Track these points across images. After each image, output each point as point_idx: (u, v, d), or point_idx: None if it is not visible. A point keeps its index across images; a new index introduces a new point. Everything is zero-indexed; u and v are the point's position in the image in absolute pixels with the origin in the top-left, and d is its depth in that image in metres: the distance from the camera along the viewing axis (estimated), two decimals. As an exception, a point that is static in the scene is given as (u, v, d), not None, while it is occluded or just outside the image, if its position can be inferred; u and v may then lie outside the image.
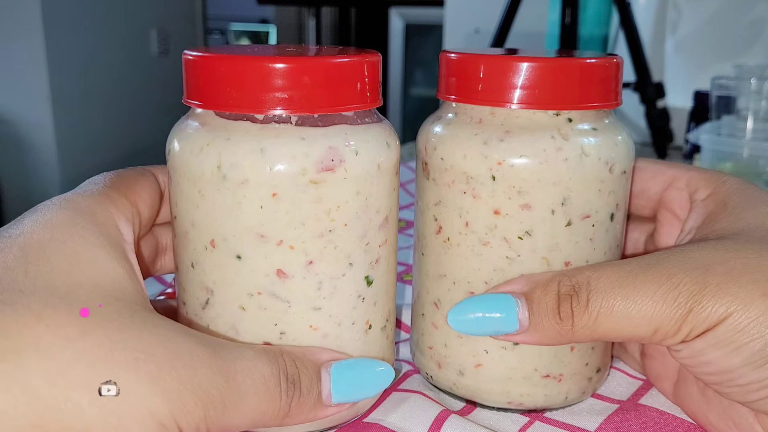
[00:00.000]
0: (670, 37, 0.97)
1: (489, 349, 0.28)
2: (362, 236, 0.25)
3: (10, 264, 0.20)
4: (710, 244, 0.24)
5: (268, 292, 0.24)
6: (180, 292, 0.27)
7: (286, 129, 0.23)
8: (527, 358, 0.27)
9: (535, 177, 0.25)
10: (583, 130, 0.26)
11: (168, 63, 2.35)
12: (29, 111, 1.93)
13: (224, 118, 0.24)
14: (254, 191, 0.23)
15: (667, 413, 0.28)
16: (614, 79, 0.27)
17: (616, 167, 0.26)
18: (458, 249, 0.27)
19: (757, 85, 0.66)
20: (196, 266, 0.25)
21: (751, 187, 0.28)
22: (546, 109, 0.26)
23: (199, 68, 0.24)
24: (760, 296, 0.22)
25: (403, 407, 0.28)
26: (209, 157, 0.23)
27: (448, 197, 0.27)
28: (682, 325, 0.23)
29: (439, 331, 0.29)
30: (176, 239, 0.26)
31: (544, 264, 0.26)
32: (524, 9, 0.96)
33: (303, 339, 0.25)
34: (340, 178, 0.23)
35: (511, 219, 0.26)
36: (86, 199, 0.24)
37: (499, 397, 0.28)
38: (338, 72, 0.24)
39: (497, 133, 0.26)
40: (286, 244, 0.24)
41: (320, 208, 0.24)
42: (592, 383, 0.29)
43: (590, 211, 0.26)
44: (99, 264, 0.21)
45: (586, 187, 0.26)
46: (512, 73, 0.25)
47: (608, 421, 0.27)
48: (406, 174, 0.59)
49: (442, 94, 0.28)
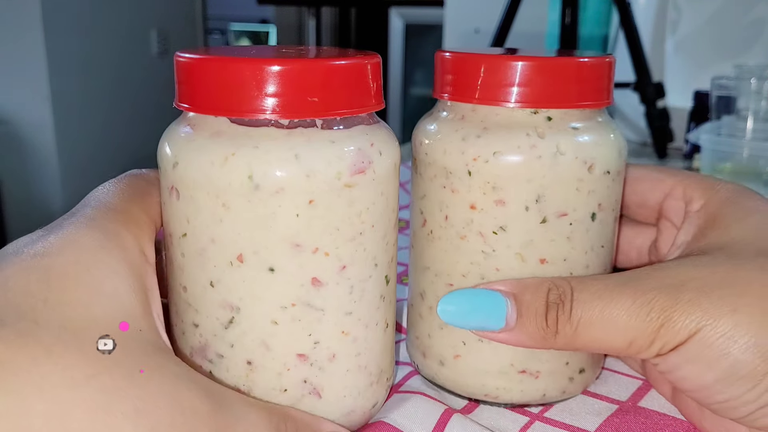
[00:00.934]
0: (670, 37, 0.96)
1: (467, 341, 0.28)
2: (384, 236, 0.25)
3: (32, 289, 0.20)
4: (689, 260, 0.25)
5: (302, 302, 0.23)
6: (182, 317, 0.25)
7: (315, 133, 0.23)
8: (503, 353, 0.28)
9: (508, 173, 0.26)
10: (565, 128, 0.26)
11: (168, 63, 2.35)
12: (29, 111, 1.93)
13: (242, 125, 0.22)
14: (290, 199, 0.22)
15: (666, 415, 0.28)
16: (598, 78, 0.27)
17: (596, 167, 0.26)
18: (439, 242, 0.28)
19: (757, 85, 0.66)
20: (217, 284, 0.23)
21: (744, 195, 0.27)
22: (524, 107, 0.26)
23: (218, 72, 0.22)
24: (729, 312, 0.22)
25: (406, 406, 0.28)
26: (237, 168, 0.22)
27: (431, 191, 0.28)
28: (655, 339, 0.23)
29: (424, 322, 0.30)
30: (185, 259, 0.24)
31: (519, 260, 0.27)
32: (524, 9, 0.96)
33: (336, 346, 0.24)
34: (369, 179, 0.23)
35: (486, 214, 0.27)
36: (113, 219, 0.23)
37: (475, 389, 0.29)
38: (361, 73, 0.23)
39: (476, 129, 0.27)
40: (322, 251, 0.23)
41: (353, 212, 0.23)
42: (575, 383, 0.29)
43: (567, 210, 0.26)
44: (119, 298, 0.21)
45: (562, 186, 0.26)
46: (489, 72, 0.26)
47: (608, 423, 0.27)
48: (406, 174, 0.59)
49: (436, 92, 0.29)
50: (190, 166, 0.23)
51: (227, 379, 0.24)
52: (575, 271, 0.27)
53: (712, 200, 0.28)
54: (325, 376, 0.25)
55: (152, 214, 0.25)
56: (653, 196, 0.31)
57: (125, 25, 2.19)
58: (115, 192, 0.25)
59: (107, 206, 0.23)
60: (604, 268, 0.29)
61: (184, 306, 0.25)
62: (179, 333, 0.25)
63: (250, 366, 0.24)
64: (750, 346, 0.22)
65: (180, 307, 0.25)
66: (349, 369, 0.25)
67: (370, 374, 0.26)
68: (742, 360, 0.22)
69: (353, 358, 0.25)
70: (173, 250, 0.24)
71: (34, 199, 1.97)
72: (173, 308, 0.26)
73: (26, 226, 2.11)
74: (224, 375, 0.24)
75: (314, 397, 0.25)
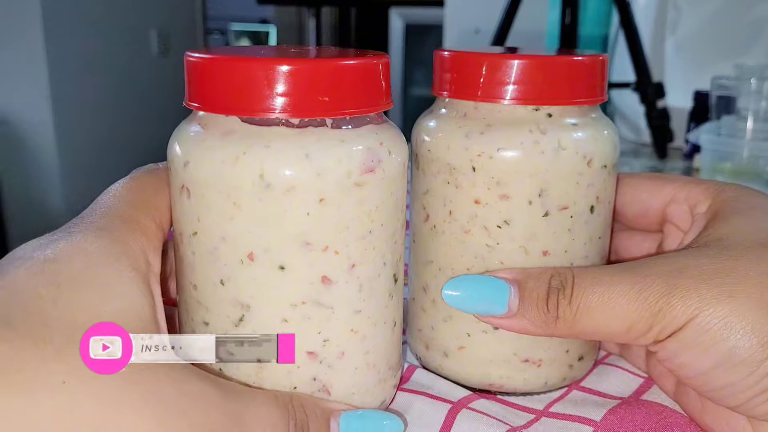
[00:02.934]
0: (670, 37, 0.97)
1: (471, 333, 0.29)
2: (392, 235, 0.25)
3: (42, 292, 0.20)
4: (689, 251, 0.25)
5: (312, 300, 0.24)
6: (192, 315, 0.25)
7: (325, 132, 0.23)
8: (507, 342, 0.29)
9: (512, 169, 0.27)
10: (564, 124, 0.27)
11: (168, 63, 2.35)
12: (29, 111, 1.93)
13: (253, 124, 0.23)
14: (301, 198, 0.22)
15: (668, 407, 0.28)
16: (595, 76, 0.28)
17: (595, 161, 0.27)
18: (443, 236, 0.29)
19: (757, 85, 0.66)
20: (227, 282, 0.23)
21: (749, 194, 0.28)
22: (525, 104, 0.27)
23: (230, 72, 0.22)
24: (727, 297, 0.22)
25: (410, 412, 0.28)
26: (249, 166, 0.22)
27: (434, 187, 0.29)
28: (653, 324, 0.23)
29: (427, 314, 0.30)
30: (195, 257, 0.24)
31: (522, 252, 0.27)
32: (524, 9, 0.96)
33: (345, 344, 0.25)
34: (378, 178, 0.24)
35: (491, 208, 0.27)
36: (120, 227, 0.23)
37: (480, 378, 0.29)
38: (371, 72, 0.24)
39: (479, 126, 0.27)
40: (332, 250, 0.23)
41: (362, 210, 0.23)
42: (574, 370, 0.30)
43: (568, 203, 0.27)
44: (128, 299, 0.21)
45: (564, 180, 0.27)
46: (493, 70, 0.27)
47: (612, 413, 0.28)
48: (407, 173, 0.60)
49: (434, 89, 0.30)
50: (201, 165, 0.23)
51: (237, 376, 0.24)
52: (575, 262, 0.28)
53: (717, 199, 0.28)
54: (334, 373, 0.25)
55: (160, 221, 0.25)
56: (654, 204, 0.31)
57: (125, 25, 2.19)
58: (124, 197, 0.25)
59: (115, 213, 0.24)
60: (601, 258, 0.30)
61: (195, 304, 0.25)
62: (189, 332, 0.26)
63: (259, 364, 0.24)
64: (747, 332, 0.22)
65: (190, 305, 0.25)
66: (358, 367, 0.25)
67: (378, 372, 0.26)
68: (739, 345, 0.22)
69: (362, 356, 0.25)
70: (183, 248, 0.25)
71: (34, 199, 1.97)
72: (183, 306, 0.26)
73: (26, 226, 2.10)
74: (234, 373, 0.24)
75: (323, 395, 0.25)
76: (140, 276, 0.22)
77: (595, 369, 0.32)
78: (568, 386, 0.30)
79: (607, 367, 0.32)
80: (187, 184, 0.23)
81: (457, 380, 0.30)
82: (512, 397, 0.30)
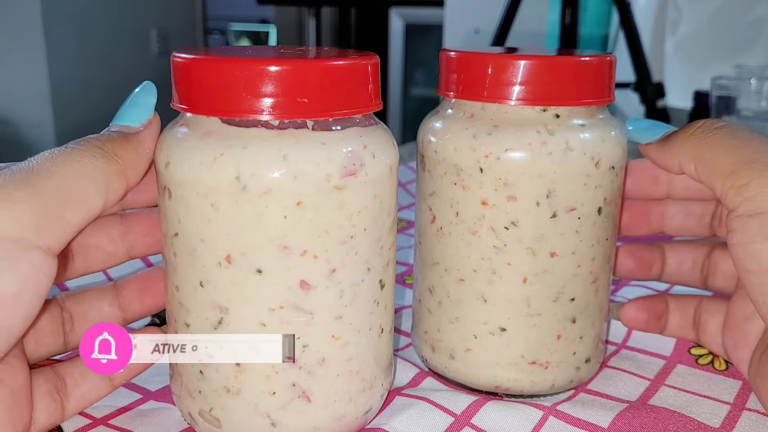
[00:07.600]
0: (670, 37, 0.97)
1: (478, 334, 0.29)
2: (377, 240, 0.25)
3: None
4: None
5: (291, 305, 0.23)
6: (175, 316, 0.25)
7: (305, 134, 0.22)
8: (514, 344, 0.28)
9: (520, 170, 0.26)
10: (572, 125, 0.27)
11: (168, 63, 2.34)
12: (29, 111, 1.93)
13: (233, 125, 0.22)
14: (278, 201, 0.22)
15: (675, 412, 0.28)
16: (603, 76, 0.28)
17: (603, 162, 0.27)
18: (450, 238, 0.29)
19: (757, 85, 0.66)
20: (206, 285, 0.23)
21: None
22: (533, 105, 0.27)
23: (209, 73, 0.22)
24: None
25: (410, 413, 0.27)
26: (226, 168, 0.22)
27: (441, 188, 0.29)
28: (751, 179, 0.24)
29: (433, 316, 0.30)
30: (177, 258, 0.24)
31: (530, 254, 0.27)
32: (524, 9, 0.96)
33: (325, 350, 0.24)
34: (361, 182, 0.23)
35: (498, 210, 0.27)
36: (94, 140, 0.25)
37: (487, 381, 0.29)
38: (355, 74, 0.23)
39: (486, 127, 0.27)
40: (310, 254, 0.23)
41: (343, 215, 0.23)
42: (581, 373, 0.30)
43: (576, 204, 0.27)
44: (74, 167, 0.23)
45: (571, 181, 0.27)
46: (500, 71, 0.27)
47: (620, 417, 0.27)
48: (407, 174, 0.59)
49: (441, 90, 0.29)
50: (180, 165, 0.23)
51: (216, 379, 0.24)
52: (582, 264, 0.28)
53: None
54: (314, 380, 0.24)
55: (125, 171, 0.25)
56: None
57: (125, 25, 2.19)
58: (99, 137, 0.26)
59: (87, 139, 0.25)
60: (608, 260, 0.29)
61: (177, 305, 0.25)
62: (173, 332, 0.25)
63: (238, 368, 0.24)
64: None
65: (174, 306, 0.25)
66: (340, 374, 0.25)
67: (362, 380, 0.25)
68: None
69: (344, 362, 0.25)
70: (167, 249, 0.25)
71: (34, 199, 1.97)
72: (168, 308, 0.26)
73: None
74: (213, 375, 0.24)
75: (303, 401, 0.24)
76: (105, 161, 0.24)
77: (601, 372, 0.32)
78: (575, 389, 0.30)
79: (613, 370, 0.32)
80: (168, 185, 0.23)
81: (463, 383, 0.30)
82: (519, 399, 0.29)
